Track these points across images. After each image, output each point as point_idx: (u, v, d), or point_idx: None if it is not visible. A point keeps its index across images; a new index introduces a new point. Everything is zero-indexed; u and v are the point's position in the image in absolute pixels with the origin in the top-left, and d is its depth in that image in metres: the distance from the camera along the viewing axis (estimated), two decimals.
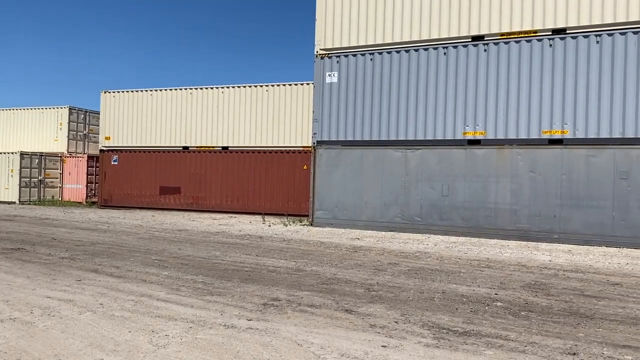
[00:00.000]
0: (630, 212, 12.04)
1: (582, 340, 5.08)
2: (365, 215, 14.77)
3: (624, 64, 12.10)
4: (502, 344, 4.93)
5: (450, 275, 8.36)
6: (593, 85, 12.38)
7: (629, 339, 5.18)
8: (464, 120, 13.66)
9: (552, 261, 10.03)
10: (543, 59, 12.84)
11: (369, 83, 14.78)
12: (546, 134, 12.82)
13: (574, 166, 12.54)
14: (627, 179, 12.09)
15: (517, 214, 13.05)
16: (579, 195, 12.49)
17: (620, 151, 12.15)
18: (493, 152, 13.35)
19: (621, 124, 12.13)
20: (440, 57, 13.91)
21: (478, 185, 13.47)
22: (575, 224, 12.51)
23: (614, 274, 8.87)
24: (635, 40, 12.01)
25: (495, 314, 6.04)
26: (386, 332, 5.23)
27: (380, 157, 14.62)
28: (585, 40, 12.45)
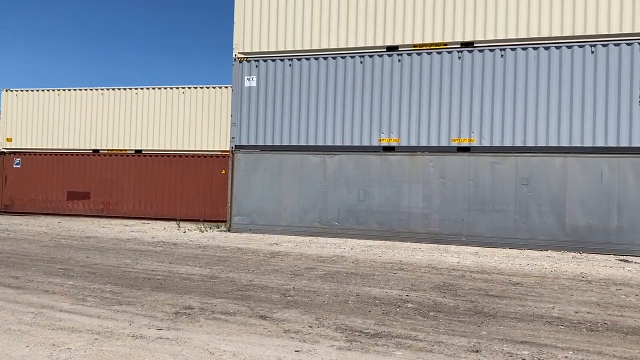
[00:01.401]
0: (531, 216, 12.90)
1: (484, 338, 5.35)
2: (284, 220, 14.78)
3: (525, 78, 12.98)
4: (411, 344, 5.10)
5: (365, 278, 8.54)
6: (497, 97, 13.17)
7: (526, 335, 5.52)
8: (379, 127, 14.05)
9: (460, 263, 10.53)
10: (452, 70, 13.50)
11: (288, 88, 14.84)
12: (455, 141, 13.47)
13: (480, 173, 13.26)
14: (528, 184, 12.95)
15: (429, 218, 13.59)
16: (484, 200, 13.22)
17: (521, 159, 12.99)
18: (406, 158, 13.83)
19: (523, 133, 12.98)
20: (357, 65, 14.24)
21: (392, 190, 13.90)
22: (482, 227, 13.22)
23: (515, 274, 9.45)
24: (535, 56, 12.91)
25: (406, 315, 6.24)
26: (300, 337, 5.24)
27: (299, 163, 14.70)
28: (491, 54, 13.23)
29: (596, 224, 12.45)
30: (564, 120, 12.69)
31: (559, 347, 5.12)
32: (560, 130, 12.73)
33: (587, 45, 12.54)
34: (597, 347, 5.13)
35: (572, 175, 12.64)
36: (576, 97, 12.61)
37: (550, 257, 11.63)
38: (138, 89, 20.72)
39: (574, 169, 12.63)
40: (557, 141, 12.73)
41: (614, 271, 9.99)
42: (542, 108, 12.84)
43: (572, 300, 7.35)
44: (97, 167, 20.98)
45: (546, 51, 12.82)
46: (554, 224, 12.74)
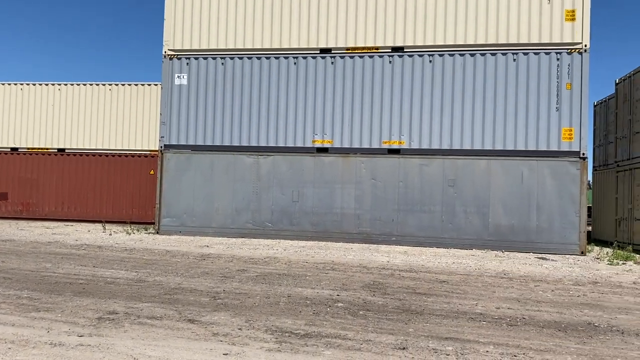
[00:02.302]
0: (457, 216, 13.39)
1: (411, 335, 5.49)
2: (215, 222, 14.53)
3: (452, 83, 13.46)
4: (340, 343, 5.14)
5: (297, 279, 8.54)
6: (426, 101, 13.58)
7: (451, 331, 5.71)
8: (313, 128, 14.12)
9: (389, 262, 10.75)
10: (384, 74, 13.80)
11: (221, 87, 14.62)
12: (386, 144, 13.77)
13: (410, 174, 13.62)
14: (454, 186, 13.43)
15: (361, 219, 13.80)
16: (413, 201, 13.59)
17: (448, 161, 13.46)
18: (339, 160, 13.98)
19: (449, 136, 13.46)
20: (291, 66, 14.25)
21: (326, 191, 14.00)
22: (411, 227, 13.58)
23: (442, 272, 9.76)
24: (461, 62, 13.42)
25: (336, 314, 6.29)
26: (229, 340, 5.16)
27: (232, 163, 14.51)
28: (420, 59, 13.63)
29: (517, 224, 13.10)
30: (487, 125, 13.27)
31: (481, 342, 5.33)
32: (485, 134, 13.29)
33: (510, 53, 13.18)
34: (515, 341, 5.39)
35: (495, 177, 13.24)
36: (499, 103, 13.22)
37: (475, 256, 12.11)
38: (61, 84, 19.73)
39: (497, 171, 13.24)
40: (481, 144, 13.29)
41: (533, 268, 10.54)
42: (467, 112, 13.37)
43: (494, 296, 7.68)
44: (16, 166, 19.79)
45: (471, 58, 13.36)
46: (478, 224, 13.29)
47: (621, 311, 6.96)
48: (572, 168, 12.85)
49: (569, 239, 12.83)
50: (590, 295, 7.98)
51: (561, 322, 6.27)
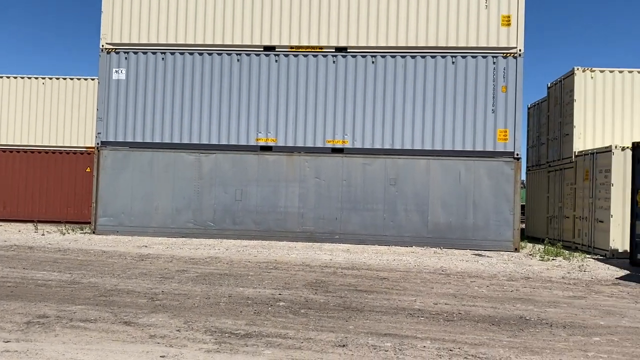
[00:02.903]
0: (398, 214, 13.64)
1: (351, 332, 5.54)
2: (155, 221, 14.16)
3: (394, 84, 13.69)
4: (281, 342, 5.13)
5: (239, 279, 8.45)
6: (369, 101, 13.75)
7: (390, 327, 5.81)
8: (256, 126, 14.01)
9: (332, 260, 10.83)
10: (327, 73, 13.87)
11: (161, 83, 14.24)
12: (330, 143, 13.85)
13: (353, 173, 13.76)
14: (395, 185, 13.68)
15: (304, 217, 13.82)
16: (356, 199, 13.74)
17: (390, 160, 13.70)
18: (283, 158, 13.94)
19: (391, 136, 13.69)
20: (234, 63, 14.07)
21: (269, 189, 13.93)
22: (353, 225, 13.72)
23: (383, 269, 9.93)
24: (402, 64, 13.68)
25: (277, 313, 6.27)
26: (166, 342, 5.04)
27: (173, 161, 14.18)
28: (363, 60, 13.79)
29: (455, 222, 13.50)
30: (427, 125, 13.59)
31: (418, 337, 5.45)
32: (424, 134, 13.61)
33: (449, 56, 13.55)
34: (451, 336, 5.55)
35: (435, 177, 13.58)
36: (438, 104, 13.56)
37: (415, 253, 12.39)
38: None
39: (436, 170, 13.58)
40: (421, 144, 13.61)
41: (470, 265, 10.90)
42: (408, 113, 13.64)
43: (432, 292, 7.89)
44: None
45: (412, 60, 13.65)
46: (418, 222, 13.60)
47: (550, 305, 7.30)
48: (507, 168, 13.37)
49: (503, 236, 13.34)
50: (523, 290, 8.32)
51: (495, 316, 6.51)
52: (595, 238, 13.50)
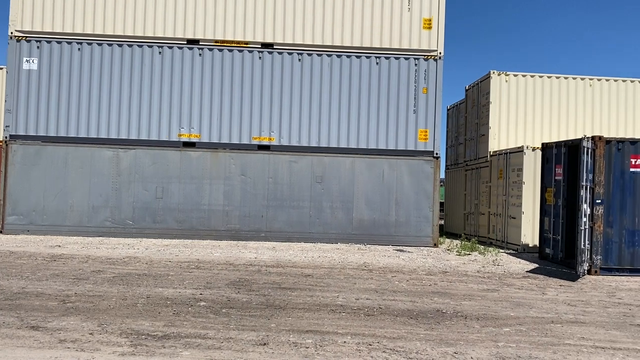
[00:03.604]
0: (324, 212, 13.76)
1: (273, 331, 5.51)
2: (70, 220, 13.43)
3: (320, 82, 13.77)
4: (200, 343, 5.01)
5: (158, 279, 8.19)
6: (296, 99, 13.75)
7: (312, 324, 5.84)
8: (179, 122, 13.62)
9: (257, 258, 10.74)
10: (254, 69, 13.72)
11: (77, 75, 13.52)
12: (256, 140, 13.72)
13: (279, 170, 13.72)
14: (322, 182, 13.79)
15: (229, 215, 13.62)
16: (282, 197, 13.71)
17: (316, 158, 13.77)
18: (207, 155, 13.65)
19: (317, 134, 13.77)
20: (156, 56, 13.60)
21: (192, 187, 13.60)
22: (280, 223, 13.69)
23: (308, 266, 9.96)
24: (328, 62, 13.79)
25: (198, 313, 6.12)
26: (78, 346, 4.79)
27: (89, 157, 13.50)
28: (289, 57, 13.76)
29: (378, 218, 13.80)
30: (352, 124, 13.79)
31: (339, 333, 5.51)
32: (350, 133, 13.80)
33: (373, 57, 13.81)
34: (371, 330, 5.65)
35: (359, 175, 13.81)
36: (363, 103, 13.79)
37: (340, 249, 12.54)
38: None
39: (361, 168, 13.82)
40: (346, 143, 13.79)
41: (391, 260, 11.18)
42: (334, 111, 13.78)
43: (355, 288, 8.01)
44: None
45: (338, 59, 13.79)
46: (343, 219, 13.78)
47: (466, 298, 7.62)
48: (427, 166, 13.83)
49: (423, 232, 13.79)
50: (440, 284, 8.64)
51: (413, 310, 6.70)
52: (508, 233, 14.26)
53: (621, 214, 10.35)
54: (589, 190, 10.12)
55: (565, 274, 10.19)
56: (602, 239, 10.24)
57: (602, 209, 10.23)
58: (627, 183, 10.37)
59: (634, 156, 10.40)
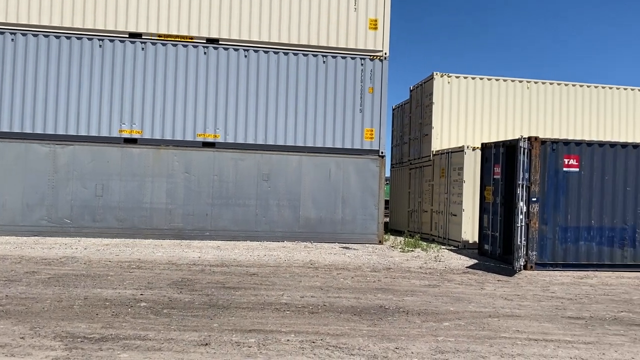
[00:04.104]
0: (270, 210, 13.69)
1: (215, 331, 5.43)
2: (1, 219, 12.76)
3: (267, 79, 13.68)
4: (139, 344, 4.87)
5: (97, 280, 7.91)
6: (242, 95, 13.61)
7: (255, 323, 5.80)
8: (120, 117, 13.20)
9: (201, 257, 10.57)
10: (198, 65, 13.47)
11: (10, 66, 12.84)
12: (200, 137, 13.48)
13: (224, 168, 13.54)
14: (268, 180, 13.71)
15: (172, 214, 13.32)
16: (228, 195, 13.54)
17: (262, 156, 13.69)
18: (150, 151, 13.30)
19: (264, 132, 13.68)
20: (96, 49, 13.12)
21: (134, 185, 13.21)
22: (225, 222, 13.52)
23: (253, 265, 9.89)
24: (275, 60, 13.72)
25: (138, 314, 5.96)
26: (7, 351, 4.56)
27: (23, 152, 12.87)
28: (235, 53, 13.60)
29: (325, 216, 13.86)
30: (299, 122, 13.79)
31: (283, 331, 5.50)
32: (297, 131, 13.79)
33: (320, 55, 13.85)
34: (315, 328, 5.67)
35: (306, 173, 13.83)
36: (310, 102, 13.81)
37: (286, 248, 12.52)
38: None
39: (308, 167, 13.84)
40: (293, 141, 13.76)
41: (337, 257, 11.26)
42: (281, 109, 13.73)
43: (300, 286, 8.02)
44: None
45: (285, 56, 13.75)
46: (290, 217, 13.76)
47: (408, 293, 7.78)
48: (373, 165, 14.01)
49: (369, 230, 13.97)
50: (384, 281, 8.78)
51: (357, 306, 6.78)
52: (449, 230, 14.67)
53: (555, 212, 10.85)
54: (525, 188, 10.54)
55: (503, 269, 10.57)
56: (537, 236, 10.70)
57: (538, 206, 10.68)
58: (561, 182, 10.87)
59: (567, 156, 10.92)
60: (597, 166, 10.97)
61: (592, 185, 10.95)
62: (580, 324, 6.38)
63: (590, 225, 10.95)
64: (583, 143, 11.09)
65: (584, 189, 10.92)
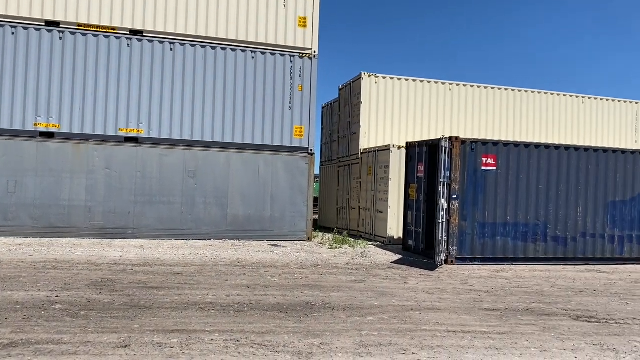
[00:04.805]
0: (196, 207, 13.41)
1: (136, 332, 5.26)
2: None
3: (193, 74, 13.37)
4: (52, 349, 4.63)
5: (7, 282, 7.43)
6: (167, 89, 13.22)
7: (178, 323, 5.66)
8: (35, 110, 12.45)
9: (122, 257, 10.18)
10: (121, 57, 12.95)
11: None
12: (123, 131, 12.97)
13: (148, 164, 13.11)
14: (194, 177, 13.42)
15: (92, 211, 12.74)
16: (152, 192, 13.12)
17: (189, 152, 13.37)
18: (68, 146, 12.64)
19: (190, 127, 13.37)
20: (8, 36, 12.29)
21: (51, 181, 12.52)
22: (149, 220, 13.09)
23: (177, 264, 9.65)
24: (202, 54, 13.44)
25: (52, 317, 5.65)
26: None
27: None
28: (160, 46, 13.18)
29: (253, 214, 13.76)
30: (228, 118, 13.58)
31: (207, 330, 5.40)
32: (225, 127, 13.58)
33: (249, 51, 13.71)
34: (240, 326, 5.62)
35: (235, 170, 13.66)
36: (239, 97, 13.64)
37: (213, 246, 12.31)
38: None
39: (236, 163, 13.67)
40: (221, 137, 13.55)
41: (265, 255, 11.21)
42: (208, 104, 13.46)
43: (226, 285, 7.91)
44: None
45: (213, 51, 13.49)
46: (217, 215, 13.54)
47: (334, 289, 7.88)
48: (302, 162, 14.06)
49: (298, 227, 14.01)
50: (312, 277, 8.84)
51: (284, 304, 6.78)
52: (376, 227, 14.99)
53: (474, 209, 11.36)
54: (447, 186, 10.96)
55: (425, 264, 10.94)
56: (457, 232, 11.15)
57: (458, 203, 11.14)
58: (479, 180, 11.39)
59: (485, 155, 11.45)
60: (512, 165, 11.58)
61: (508, 184, 11.56)
62: (495, 315, 6.72)
63: (506, 222, 11.56)
64: (500, 143, 11.68)
65: (500, 187, 11.51)
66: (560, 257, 11.92)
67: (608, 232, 12.28)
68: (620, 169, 12.33)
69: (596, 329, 6.23)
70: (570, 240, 11.99)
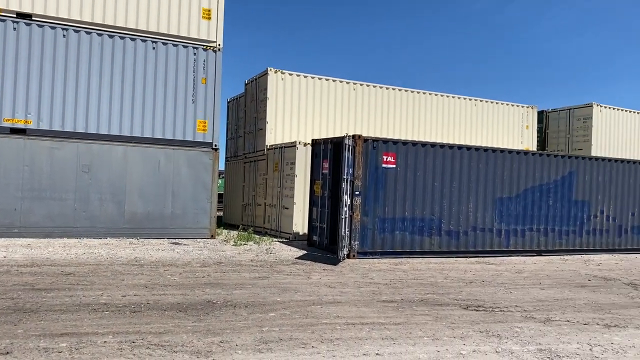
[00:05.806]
0: (91, 204, 12.67)
1: (20, 337, 4.88)
2: None
3: (89, 62, 12.60)
4: None
5: None
6: (59, 78, 12.35)
7: (68, 326, 5.33)
8: None
9: (7, 257, 9.41)
10: (6, 41, 11.91)
11: None
12: (8, 122, 11.96)
13: (37, 158, 12.20)
14: (89, 172, 12.68)
15: None
16: (41, 188, 12.23)
17: (83, 145, 12.60)
18: None
19: (85, 119, 12.60)
20: None
21: None
22: (37, 217, 12.19)
23: (69, 264, 9.08)
24: (99, 42, 12.71)
25: None
26: None
27: None
28: (52, 31, 12.29)
29: (153, 211, 13.25)
30: (126, 110, 12.95)
31: (100, 333, 5.14)
32: (123, 119, 12.94)
33: (150, 41, 13.15)
34: (136, 327, 5.40)
35: (133, 165, 13.06)
36: (138, 89, 13.05)
37: (109, 245, 11.71)
38: None
39: (135, 158, 13.07)
40: (118, 130, 12.89)
41: (165, 253, 10.85)
42: (105, 95, 12.75)
43: (123, 284, 7.57)
44: None
45: (110, 39, 12.78)
46: (114, 212, 12.89)
47: (237, 287, 7.80)
48: (206, 158, 13.74)
49: (201, 224, 13.69)
50: (214, 275, 8.69)
51: (183, 303, 6.61)
52: (281, 223, 15.04)
53: (375, 204, 11.73)
54: (350, 183, 11.23)
55: (329, 258, 11.15)
56: (359, 227, 11.47)
57: (360, 199, 11.45)
58: (380, 177, 11.79)
59: (386, 154, 11.87)
60: (410, 163, 12.10)
61: (407, 181, 12.06)
62: (392, 307, 6.99)
63: (404, 217, 12.06)
64: (399, 142, 12.17)
65: (399, 184, 11.99)
66: (453, 250, 12.65)
67: (496, 227, 13.21)
68: (507, 168, 13.30)
69: (483, 317, 6.68)
70: (462, 234, 12.75)
